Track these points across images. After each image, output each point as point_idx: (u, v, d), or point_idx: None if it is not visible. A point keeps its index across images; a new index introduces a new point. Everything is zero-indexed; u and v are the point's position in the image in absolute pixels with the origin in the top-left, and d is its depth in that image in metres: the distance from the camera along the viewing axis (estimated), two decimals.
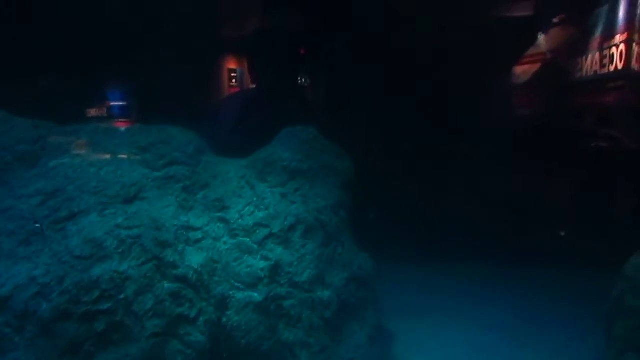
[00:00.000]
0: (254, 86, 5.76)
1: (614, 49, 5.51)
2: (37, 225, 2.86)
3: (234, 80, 6.64)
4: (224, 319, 2.96)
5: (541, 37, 6.40)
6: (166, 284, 2.79)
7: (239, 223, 3.30)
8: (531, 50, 6.34)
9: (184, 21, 5.85)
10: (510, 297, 4.91)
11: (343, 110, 5.92)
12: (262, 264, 3.17)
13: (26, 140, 3.28)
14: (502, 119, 6.27)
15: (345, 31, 6.06)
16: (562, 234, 5.76)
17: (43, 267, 2.66)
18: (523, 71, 6.37)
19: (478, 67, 6.00)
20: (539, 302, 4.82)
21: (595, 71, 5.84)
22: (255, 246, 3.24)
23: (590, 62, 5.90)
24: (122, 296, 2.62)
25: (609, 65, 5.61)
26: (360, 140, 5.30)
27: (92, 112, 5.96)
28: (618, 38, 5.49)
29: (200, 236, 3.18)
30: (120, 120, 5.90)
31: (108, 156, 3.42)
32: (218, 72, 6.65)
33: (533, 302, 4.81)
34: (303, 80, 5.64)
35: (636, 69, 5.32)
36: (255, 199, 3.45)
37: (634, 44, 5.32)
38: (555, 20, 6.39)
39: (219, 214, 3.35)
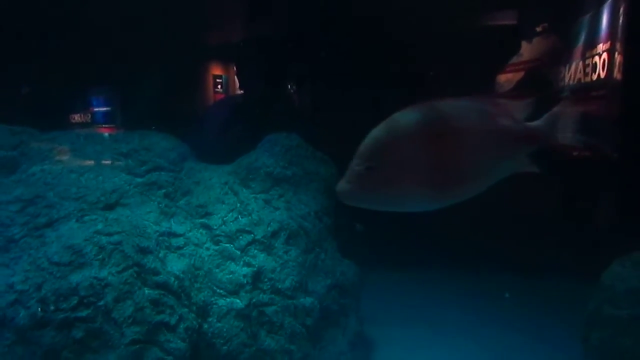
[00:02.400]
0: (241, 92, 5.77)
1: (596, 58, 5.60)
2: (15, 232, 2.84)
3: (219, 87, 6.64)
4: (205, 326, 2.95)
5: (524, 46, 6.49)
6: (147, 291, 2.77)
7: (221, 229, 3.30)
8: (514, 59, 6.43)
9: (168, 27, 5.84)
10: (493, 307, 4.95)
11: (328, 116, 5.95)
12: (245, 270, 3.17)
13: (5, 146, 3.26)
14: None
15: (331, 38, 6.10)
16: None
17: (21, 273, 2.63)
18: (506, 79, 6.46)
19: (463, 76, 6.07)
20: (521, 312, 4.86)
21: (578, 80, 5.93)
22: (238, 252, 3.24)
23: (573, 71, 5.99)
24: (101, 303, 2.60)
25: (591, 74, 5.70)
26: (345, 146, 5.32)
27: (76, 118, 5.91)
28: (600, 47, 5.58)
29: (182, 242, 3.17)
30: (103, 126, 5.86)
31: (89, 162, 3.40)
32: (203, 78, 6.65)
33: (515, 312, 4.85)
34: (289, 87, 5.66)
35: (618, 78, 5.42)
36: (238, 205, 3.45)
37: (616, 53, 5.41)
38: (538, 29, 6.49)
39: (202, 220, 3.35)
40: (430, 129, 1.48)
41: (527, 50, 6.46)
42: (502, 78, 6.49)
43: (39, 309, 2.50)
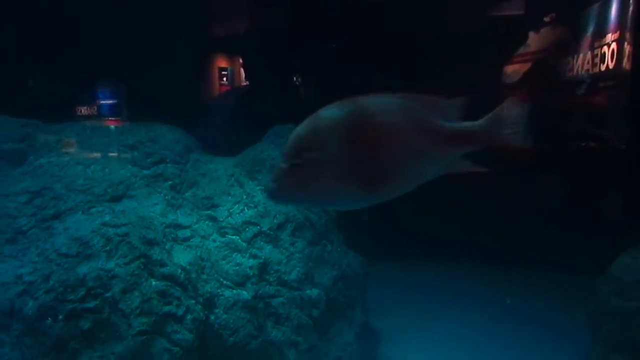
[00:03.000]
0: (246, 84, 5.75)
1: (605, 48, 5.53)
2: (23, 223, 2.85)
3: (224, 79, 6.63)
4: (212, 317, 2.96)
5: (532, 36, 6.42)
6: (153, 282, 2.78)
7: (228, 221, 3.30)
8: (521, 50, 6.37)
9: (174, 19, 5.83)
10: (499, 298, 4.94)
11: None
12: (251, 262, 3.17)
13: (13, 138, 3.27)
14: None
15: (337, 29, 6.07)
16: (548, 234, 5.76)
17: (29, 265, 2.65)
18: (513, 71, 6.39)
19: (469, 67, 6.02)
20: (527, 302, 4.85)
21: (587, 70, 5.87)
22: (244, 244, 3.24)
23: (582, 62, 5.93)
24: (108, 294, 2.61)
25: (599, 65, 5.64)
26: None
27: (82, 110, 5.92)
28: (609, 37, 5.51)
29: (188, 234, 3.18)
30: (109, 118, 5.87)
31: (96, 154, 3.41)
32: (208, 70, 6.64)
33: (521, 302, 4.84)
34: (295, 78, 5.64)
35: (627, 69, 5.35)
36: (244, 197, 3.45)
37: (626, 43, 5.34)
38: (545, 19, 6.41)
39: (208, 212, 3.35)
40: (352, 125, 1.47)
41: (534, 40, 6.38)
42: (509, 69, 6.43)
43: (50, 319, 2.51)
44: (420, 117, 1.54)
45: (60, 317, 2.52)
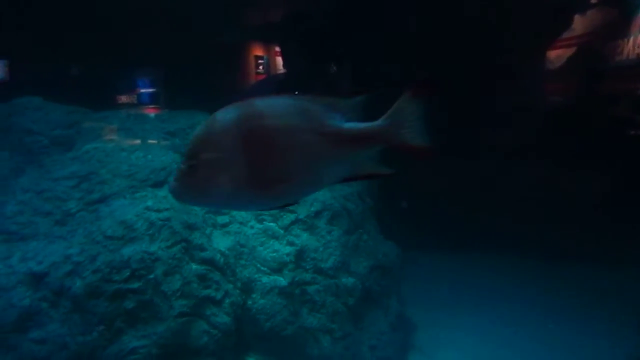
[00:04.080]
0: (282, 72, 5.76)
1: None
2: (71, 206, 2.97)
3: (260, 67, 6.67)
4: (249, 302, 3.01)
5: (577, 19, 6.14)
6: (194, 266, 2.85)
7: None
8: (566, 34, 6.11)
9: (210, 8, 5.89)
10: (537, 293, 4.83)
11: (372, 97, 5.86)
12: (288, 249, 3.21)
13: (61, 125, 3.39)
14: (533, 107, 6.10)
15: (374, 16, 5.99)
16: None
17: (77, 246, 2.75)
18: (557, 56, 6.16)
19: (509, 52, 5.85)
20: (566, 297, 4.73)
21: (638, 55, 5.59)
22: (282, 231, 3.28)
23: (632, 45, 5.65)
24: (151, 276, 2.69)
25: None
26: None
27: (122, 99, 6.08)
28: None
29: (227, 220, 3.24)
30: (148, 106, 6.01)
31: (138, 141, 3.50)
32: (244, 58, 6.69)
33: (561, 301, 4.72)
34: (332, 66, 5.62)
35: None
36: None
37: None
38: (592, 0, 6.13)
39: None
40: (245, 127, 1.44)
41: (580, 23, 6.11)
42: (552, 54, 6.19)
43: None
44: (317, 118, 1.50)
45: (106, 296, 2.62)
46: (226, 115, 1.46)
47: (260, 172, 1.44)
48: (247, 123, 1.43)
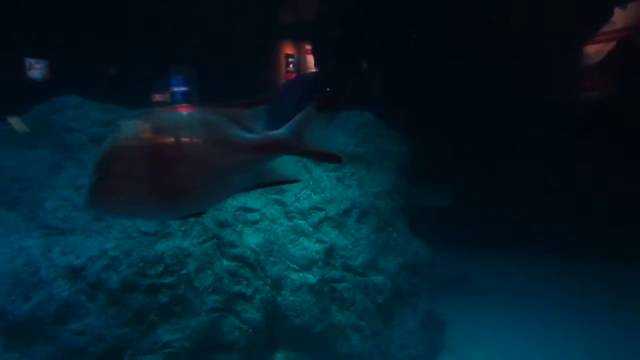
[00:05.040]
0: (313, 70, 5.78)
1: None
2: None
3: (291, 65, 6.70)
4: (279, 299, 3.04)
5: (617, 12, 5.91)
6: (225, 262, 2.89)
7: (295, 206, 3.36)
8: (605, 27, 5.88)
9: (241, 8, 5.95)
10: (571, 295, 4.71)
11: (402, 94, 5.81)
12: (317, 246, 3.22)
13: (99, 123, 3.48)
14: (571, 104, 5.92)
15: (406, 14, 5.93)
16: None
17: (113, 241, 2.83)
18: (595, 51, 5.95)
19: (545, 48, 5.68)
20: (604, 302, 4.59)
21: None
22: (311, 229, 3.29)
23: None
24: (184, 271, 2.75)
25: None
26: (419, 125, 5.21)
27: (156, 97, 6.22)
28: None
29: (257, 217, 3.27)
30: (181, 105, 6.12)
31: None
32: (275, 57, 6.73)
33: (598, 302, 4.58)
34: (363, 64, 5.60)
35: None
36: (311, 182, 3.49)
37: None
38: None
39: (276, 197, 3.43)
40: (147, 140, 1.45)
41: (620, 16, 5.89)
42: (591, 49, 5.99)
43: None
44: (220, 129, 1.52)
45: (140, 290, 2.69)
46: (131, 128, 1.49)
47: (166, 183, 1.47)
48: (151, 136, 1.46)
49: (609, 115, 5.70)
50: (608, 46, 5.87)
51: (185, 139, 1.48)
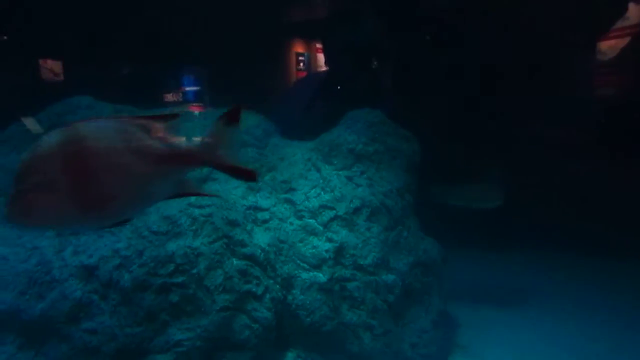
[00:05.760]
0: (323, 69, 5.77)
1: None
2: None
3: (301, 64, 6.70)
4: (289, 298, 3.04)
5: (632, 7, 5.80)
6: (235, 261, 2.90)
7: (304, 205, 3.36)
8: (619, 23, 5.79)
9: (253, 8, 5.95)
10: (584, 291, 4.66)
11: (412, 93, 5.78)
12: (327, 245, 3.21)
13: None
14: (584, 100, 5.84)
15: (418, 14, 5.89)
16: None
17: (125, 240, 2.85)
18: (609, 47, 5.85)
19: (558, 44, 5.61)
20: (615, 297, 4.53)
21: None
22: (321, 228, 3.29)
23: None
24: (194, 271, 2.76)
25: None
26: (429, 123, 5.18)
27: (168, 97, 6.26)
28: None
29: (267, 216, 3.28)
30: (193, 104, 6.16)
31: (183, 139, 3.58)
32: (285, 56, 6.73)
33: (609, 298, 4.52)
34: (373, 63, 5.58)
35: None
36: (321, 181, 3.49)
37: None
38: None
39: (286, 196, 3.43)
40: (66, 150, 1.46)
41: (635, 12, 5.78)
42: (604, 45, 5.89)
43: None
44: (136, 139, 1.53)
45: (152, 290, 2.71)
46: (50, 139, 1.50)
47: (86, 194, 1.48)
48: (69, 146, 1.48)
49: (624, 111, 5.62)
50: (622, 42, 5.77)
51: (104, 149, 1.50)
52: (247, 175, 1.77)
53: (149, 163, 1.55)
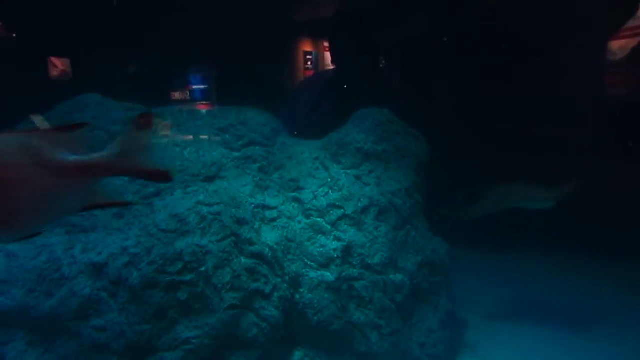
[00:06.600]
0: (331, 68, 5.76)
1: None
2: (129, 199, 3.09)
3: (309, 63, 6.69)
4: (297, 296, 3.04)
5: None
6: (243, 260, 2.90)
7: (312, 203, 3.35)
8: (631, 22, 5.73)
9: (261, 5, 5.95)
10: (592, 292, 4.62)
11: (422, 92, 5.75)
12: (335, 244, 3.20)
13: (119, 120, 3.52)
14: (595, 101, 5.79)
15: (423, 12, 5.86)
16: None
17: (133, 238, 2.86)
18: (620, 46, 5.80)
19: (567, 43, 5.56)
20: (619, 298, 4.49)
21: None
22: (329, 227, 3.28)
23: None
24: (202, 269, 2.76)
25: None
26: (438, 122, 5.15)
27: (176, 95, 6.27)
28: None
29: (275, 215, 3.27)
30: (200, 103, 6.17)
31: (190, 137, 3.60)
32: (293, 54, 6.72)
33: (613, 299, 4.49)
34: (381, 62, 5.55)
35: None
36: (329, 180, 3.48)
37: None
38: None
39: (294, 194, 3.42)
40: None
41: None
42: (616, 45, 5.83)
43: None
44: (41, 152, 1.51)
45: (160, 287, 2.72)
46: None
47: None
48: None
49: (635, 112, 5.56)
50: (634, 42, 5.71)
51: (6, 164, 1.47)
52: (161, 177, 1.75)
53: (54, 176, 1.53)
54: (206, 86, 6.27)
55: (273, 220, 3.25)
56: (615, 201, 5.25)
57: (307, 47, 6.84)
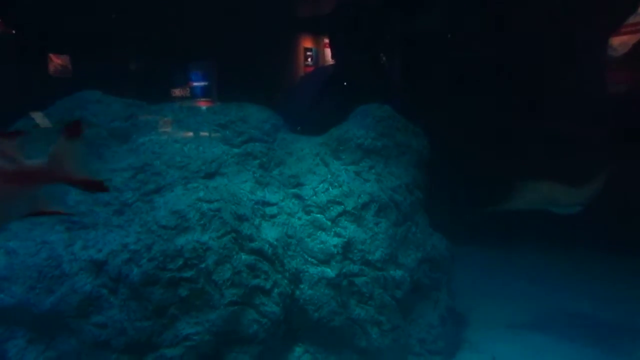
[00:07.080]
0: (331, 64, 5.75)
1: None
2: (128, 197, 3.09)
3: (309, 59, 6.67)
4: (297, 292, 3.03)
5: None
6: (243, 256, 2.90)
7: (313, 200, 3.35)
8: (632, 19, 5.70)
9: (262, 2, 5.93)
10: (591, 287, 4.62)
11: (422, 88, 5.73)
12: (335, 240, 3.20)
13: (119, 117, 3.52)
14: (596, 97, 5.77)
15: (424, 8, 5.84)
16: None
17: (134, 235, 2.86)
18: (621, 43, 5.77)
19: (568, 39, 5.54)
20: (618, 292, 4.49)
21: None
22: (329, 223, 3.28)
23: None
24: (203, 265, 2.76)
25: None
26: (439, 119, 5.13)
27: (176, 92, 6.26)
28: None
29: (275, 211, 3.27)
30: (201, 99, 6.16)
31: (190, 133, 3.60)
32: (293, 50, 6.70)
33: (613, 293, 4.49)
34: (381, 58, 5.54)
35: None
36: (329, 176, 3.48)
37: None
38: None
39: (294, 190, 3.42)
40: None
41: None
42: (616, 41, 5.80)
43: None
44: None
45: (161, 284, 2.71)
46: None
47: None
48: None
49: (635, 107, 5.53)
50: (635, 38, 5.68)
51: None
52: (95, 187, 1.76)
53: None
54: (206, 82, 6.26)
55: (273, 216, 3.25)
56: (621, 197, 5.23)
57: (308, 43, 6.82)
